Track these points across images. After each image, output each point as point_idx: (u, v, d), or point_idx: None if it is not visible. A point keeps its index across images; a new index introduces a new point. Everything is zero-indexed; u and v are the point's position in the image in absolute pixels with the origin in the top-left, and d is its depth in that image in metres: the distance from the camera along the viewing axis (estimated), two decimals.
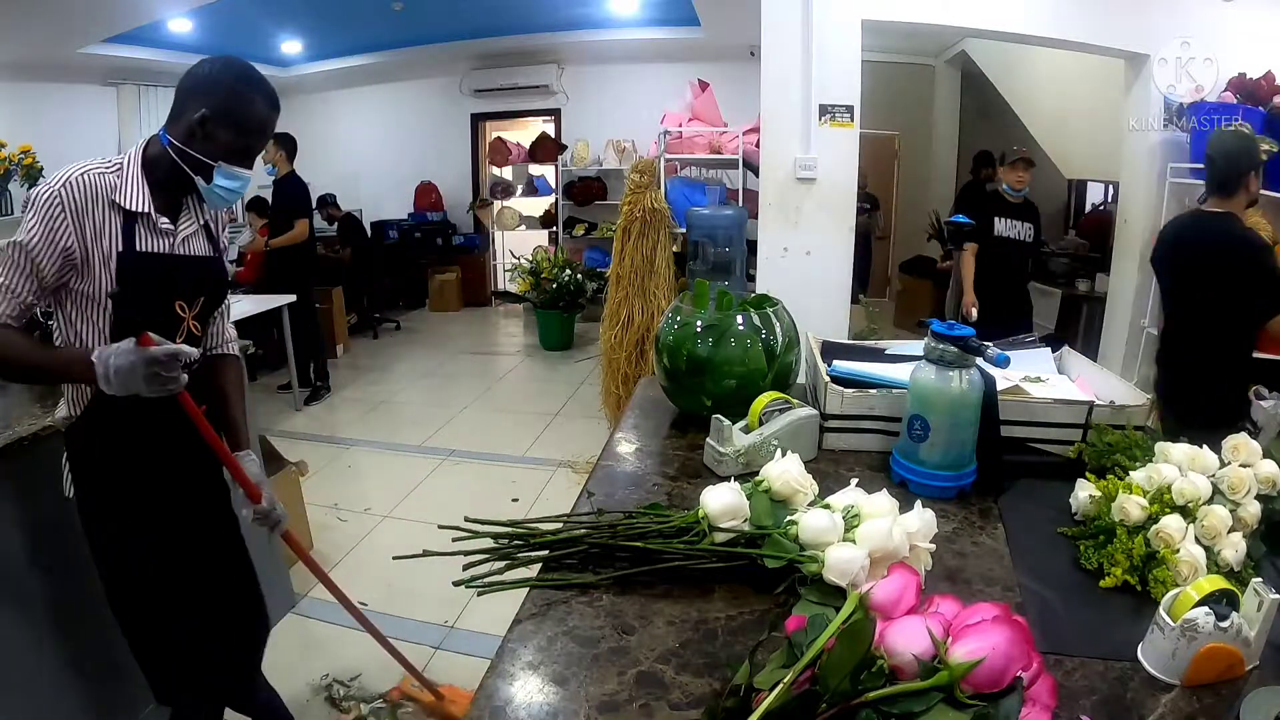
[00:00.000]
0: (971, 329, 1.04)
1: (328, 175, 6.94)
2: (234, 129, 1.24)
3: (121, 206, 1.21)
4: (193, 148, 1.23)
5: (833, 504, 0.85)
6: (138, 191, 1.23)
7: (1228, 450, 0.95)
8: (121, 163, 1.24)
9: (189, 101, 1.23)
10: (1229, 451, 0.94)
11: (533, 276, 6.01)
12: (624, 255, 3.52)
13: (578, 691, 0.69)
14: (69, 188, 1.16)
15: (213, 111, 1.22)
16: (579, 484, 2.82)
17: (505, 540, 0.89)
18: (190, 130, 1.23)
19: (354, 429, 4.23)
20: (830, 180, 3.15)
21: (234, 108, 1.24)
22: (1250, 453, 0.93)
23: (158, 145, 1.26)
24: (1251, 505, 0.89)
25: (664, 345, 1.33)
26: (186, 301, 1.31)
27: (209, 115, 1.22)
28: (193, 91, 1.24)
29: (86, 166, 1.19)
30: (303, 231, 4.44)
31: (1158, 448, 0.98)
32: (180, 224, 1.30)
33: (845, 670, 0.56)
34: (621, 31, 6.32)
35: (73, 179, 1.17)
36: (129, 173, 1.23)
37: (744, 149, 4.16)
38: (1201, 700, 0.67)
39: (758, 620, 0.79)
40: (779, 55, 3.08)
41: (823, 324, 2.17)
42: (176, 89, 1.26)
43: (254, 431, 2.29)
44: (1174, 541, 0.83)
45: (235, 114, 1.24)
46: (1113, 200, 4.59)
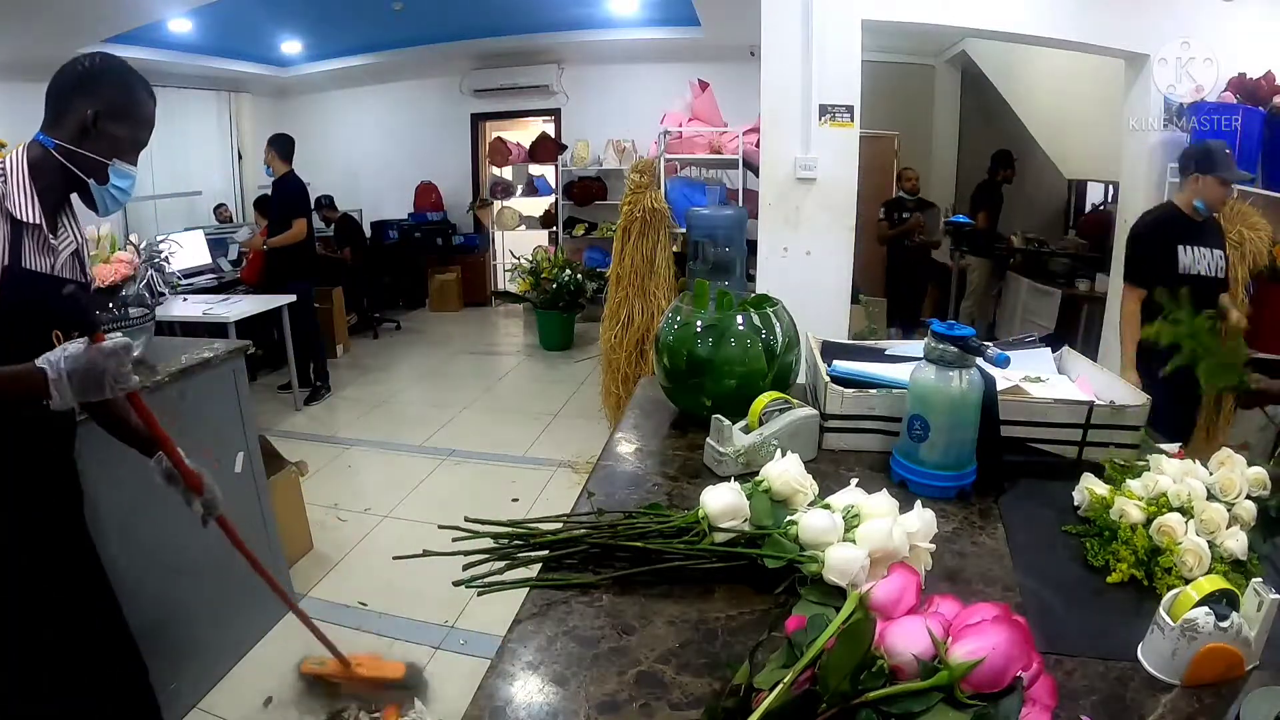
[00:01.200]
0: (972, 329, 1.04)
1: (328, 175, 6.95)
2: (126, 122, 1.19)
3: (11, 216, 1.10)
4: (84, 147, 1.16)
5: (833, 504, 0.85)
6: (27, 200, 1.12)
7: (1214, 464, 0.97)
8: (3, 167, 1.12)
9: (74, 100, 1.17)
10: (1215, 464, 0.97)
11: (533, 276, 6.01)
12: (624, 255, 3.52)
13: (578, 691, 0.69)
14: None
15: (105, 107, 1.16)
16: (579, 484, 2.82)
17: (505, 540, 0.89)
18: (81, 129, 1.16)
19: (354, 429, 4.23)
20: (830, 180, 3.15)
21: (125, 101, 1.20)
22: (1235, 464, 0.96)
23: (39, 149, 1.16)
24: (1245, 504, 0.91)
25: (664, 345, 1.33)
26: (63, 331, 1.16)
27: (101, 111, 1.16)
28: (77, 90, 1.17)
29: None
30: (300, 231, 4.44)
31: (1151, 461, 0.99)
32: (60, 242, 1.20)
33: (845, 670, 0.56)
34: (621, 31, 6.32)
35: None
36: (15, 179, 1.12)
37: (744, 149, 4.15)
38: (1201, 700, 0.67)
39: (758, 620, 0.79)
40: (779, 55, 3.08)
41: (823, 324, 2.17)
42: (50, 90, 1.19)
43: (254, 431, 2.30)
44: (1177, 534, 0.84)
45: (126, 106, 1.20)
46: (1113, 200, 4.59)
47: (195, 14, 5.21)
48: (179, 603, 1.89)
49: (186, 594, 1.93)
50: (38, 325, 1.15)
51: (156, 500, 1.81)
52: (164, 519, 1.86)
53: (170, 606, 1.84)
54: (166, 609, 1.81)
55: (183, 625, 1.89)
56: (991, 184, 5.29)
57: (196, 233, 5.32)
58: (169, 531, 1.88)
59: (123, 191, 1.23)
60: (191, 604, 1.93)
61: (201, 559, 1.98)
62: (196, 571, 1.96)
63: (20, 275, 1.11)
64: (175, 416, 1.90)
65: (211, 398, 2.08)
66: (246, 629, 2.23)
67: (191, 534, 1.93)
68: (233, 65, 6.64)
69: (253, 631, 2.24)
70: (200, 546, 1.97)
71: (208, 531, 1.43)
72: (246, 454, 2.22)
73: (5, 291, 1.09)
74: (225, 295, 4.55)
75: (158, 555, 1.85)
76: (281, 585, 1.60)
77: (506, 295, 6.94)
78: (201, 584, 1.98)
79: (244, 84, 7.08)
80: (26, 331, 1.13)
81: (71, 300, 1.19)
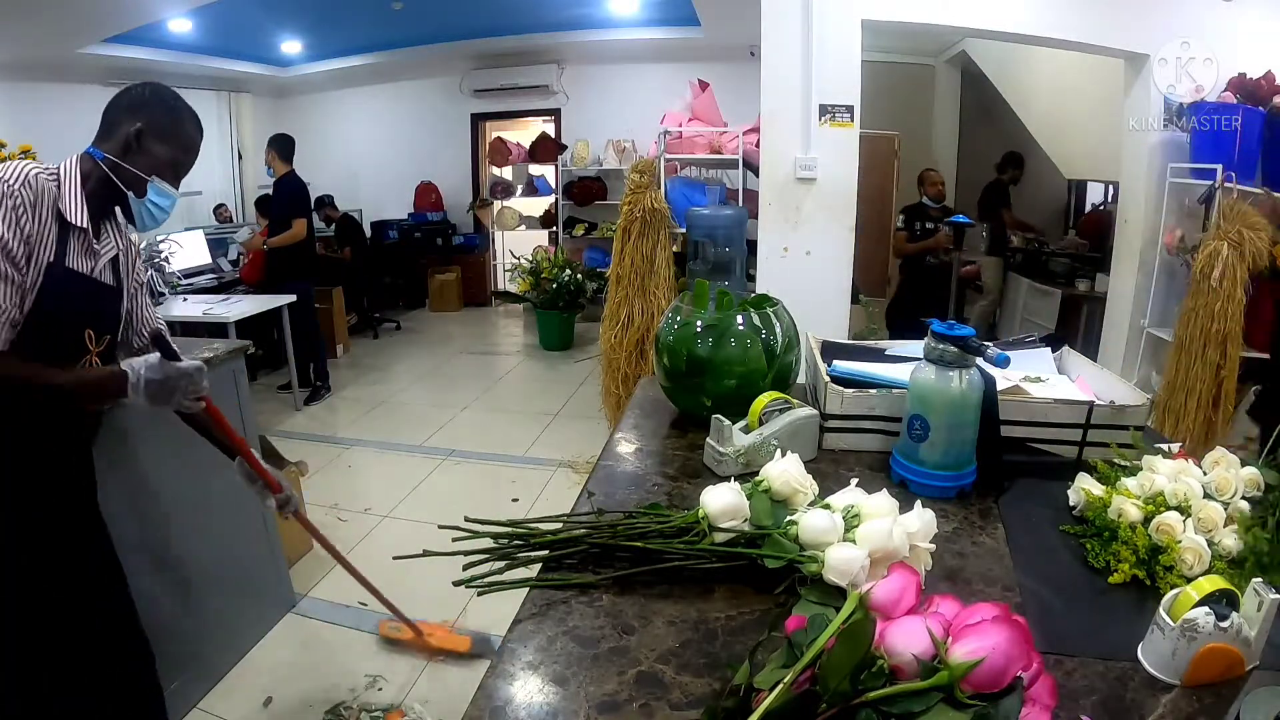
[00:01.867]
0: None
1: (328, 175, 6.95)
2: (168, 143, 1.28)
3: (62, 216, 1.18)
4: (127, 161, 1.24)
5: (833, 504, 0.85)
6: (78, 205, 1.21)
7: (1208, 464, 0.97)
8: (58, 173, 1.21)
9: (123, 118, 1.26)
10: (1210, 464, 0.97)
11: (533, 276, 6.01)
12: (624, 255, 3.51)
13: (578, 691, 0.69)
14: (28, 184, 1.13)
15: (148, 126, 1.25)
16: (579, 484, 2.82)
17: (505, 540, 0.89)
18: (126, 144, 1.25)
19: (354, 429, 4.23)
20: (830, 180, 3.15)
21: (168, 123, 1.28)
22: (1229, 463, 0.96)
23: (90, 160, 1.25)
24: (1241, 504, 0.91)
25: (664, 345, 1.33)
26: (95, 332, 1.28)
27: (144, 129, 1.25)
28: (127, 109, 1.27)
29: (30, 167, 1.15)
30: (300, 231, 4.43)
31: (1146, 461, 0.99)
32: (103, 246, 1.28)
33: (845, 670, 0.56)
34: (621, 31, 6.32)
35: (29, 175, 1.14)
36: (68, 183, 1.21)
37: (744, 149, 4.15)
38: (1201, 700, 0.67)
39: (758, 620, 0.79)
40: (779, 55, 3.08)
41: (823, 324, 2.17)
42: (106, 110, 1.29)
43: (254, 431, 2.30)
44: (1176, 532, 0.85)
45: (170, 129, 1.28)
46: (1113, 200, 4.59)
47: (195, 14, 5.21)
48: (179, 603, 1.89)
49: (187, 594, 1.93)
50: (71, 321, 1.23)
51: (157, 501, 1.83)
52: (164, 520, 1.86)
53: (170, 606, 1.84)
54: (167, 609, 1.80)
55: (183, 625, 1.89)
56: (999, 184, 5.29)
57: (196, 233, 5.32)
58: (169, 532, 1.88)
59: (160, 209, 1.30)
60: (192, 604, 1.93)
61: (202, 559, 1.98)
62: (197, 572, 1.96)
63: (62, 273, 1.19)
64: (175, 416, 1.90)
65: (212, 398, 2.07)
66: (246, 629, 2.23)
67: (192, 535, 1.94)
68: (233, 65, 6.64)
69: (253, 632, 2.24)
70: (201, 547, 1.98)
71: (209, 532, 1.51)
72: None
73: (48, 285, 1.16)
74: (225, 295, 4.55)
75: (158, 555, 1.85)
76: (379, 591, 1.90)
77: (506, 295, 6.94)
78: (202, 584, 1.97)
79: (244, 84, 7.08)
80: (60, 325, 1.21)
81: (97, 303, 1.28)
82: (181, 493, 1.89)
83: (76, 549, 1.35)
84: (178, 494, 1.88)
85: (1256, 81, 3.09)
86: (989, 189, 5.31)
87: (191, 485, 1.91)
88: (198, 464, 1.75)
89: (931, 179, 4.59)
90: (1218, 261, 2.84)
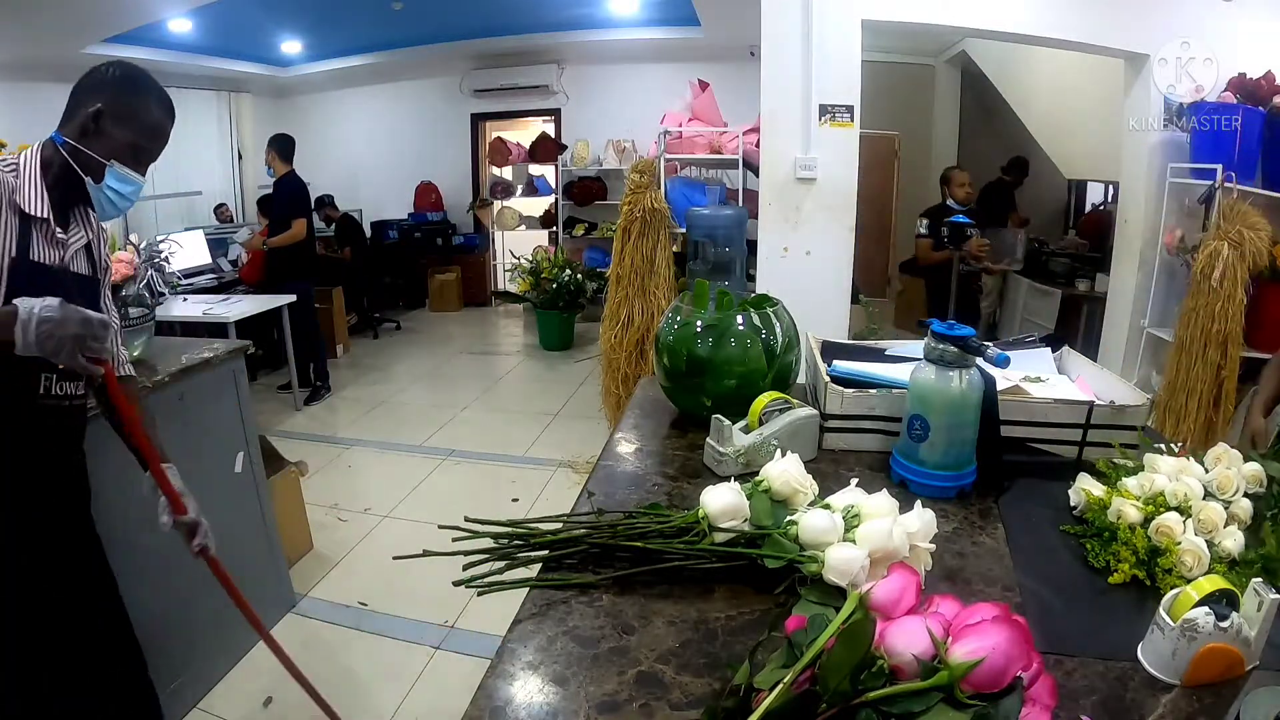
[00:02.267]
0: (971, 330, 1.04)
1: (328, 175, 6.95)
2: (127, 125, 1.21)
3: (20, 209, 1.14)
4: (85, 145, 1.19)
5: (833, 504, 0.85)
6: (37, 195, 1.16)
7: (1211, 460, 0.97)
8: (17, 163, 1.17)
9: (83, 99, 1.19)
10: (1211, 461, 0.97)
11: (533, 276, 6.01)
12: (624, 255, 3.51)
13: (578, 691, 0.69)
14: None
15: (106, 106, 1.19)
16: (579, 484, 2.82)
17: (505, 540, 0.89)
18: (83, 127, 1.18)
19: (354, 429, 4.23)
20: (830, 180, 3.15)
21: (127, 103, 1.21)
22: (1232, 460, 0.96)
23: (51, 146, 1.20)
24: (1242, 502, 0.91)
25: (664, 345, 1.33)
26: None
27: (103, 110, 1.18)
28: (88, 90, 1.20)
29: None
30: (300, 231, 4.44)
31: (1147, 459, 0.99)
32: (70, 235, 1.23)
33: (845, 670, 0.56)
34: (621, 31, 6.32)
35: None
36: (26, 174, 1.16)
37: (744, 149, 4.15)
38: (1201, 700, 0.67)
39: (758, 620, 0.79)
40: (779, 55, 3.08)
41: (823, 324, 2.17)
42: (71, 92, 1.21)
43: (254, 431, 2.30)
44: (1175, 534, 0.85)
45: (130, 110, 1.21)
46: (1113, 200, 4.59)
47: (195, 14, 5.21)
48: (179, 603, 1.89)
49: (186, 594, 1.92)
50: None
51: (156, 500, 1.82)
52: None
53: (170, 607, 1.84)
54: (167, 609, 1.80)
55: (183, 625, 1.89)
56: (1001, 185, 5.29)
57: (196, 233, 5.33)
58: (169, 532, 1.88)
59: (121, 196, 1.24)
60: (191, 604, 1.93)
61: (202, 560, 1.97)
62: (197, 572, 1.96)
63: (28, 267, 1.15)
64: (175, 416, 1.90)
65: (211, 398, 2.07)
66: (246, 629, 2.20)
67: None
68: (233, 65, 6.64)
69: (252, 632, 2.23)
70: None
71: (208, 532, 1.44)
72: (246, 454, 2.22)
73: (13, 281, 1.12)
74: (225, 295, 4.55)
75: (158, 555, 1.84)
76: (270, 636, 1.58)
77: (506, 295, 6.94)
78: (202, 584, 1.97)
79: (244, 84, 7.08)
80: None
81: (68, 294, 1.15)
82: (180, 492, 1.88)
83: (77, 549, 1.35)
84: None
85: (1256, 81, 3.08)
86: (990, 189, 5.31)
87: (191, 485, 1.91)
88: (197, 464, 1.75)
89: (958, 179, 4.12)
90: (1218, 261, 2.84)
